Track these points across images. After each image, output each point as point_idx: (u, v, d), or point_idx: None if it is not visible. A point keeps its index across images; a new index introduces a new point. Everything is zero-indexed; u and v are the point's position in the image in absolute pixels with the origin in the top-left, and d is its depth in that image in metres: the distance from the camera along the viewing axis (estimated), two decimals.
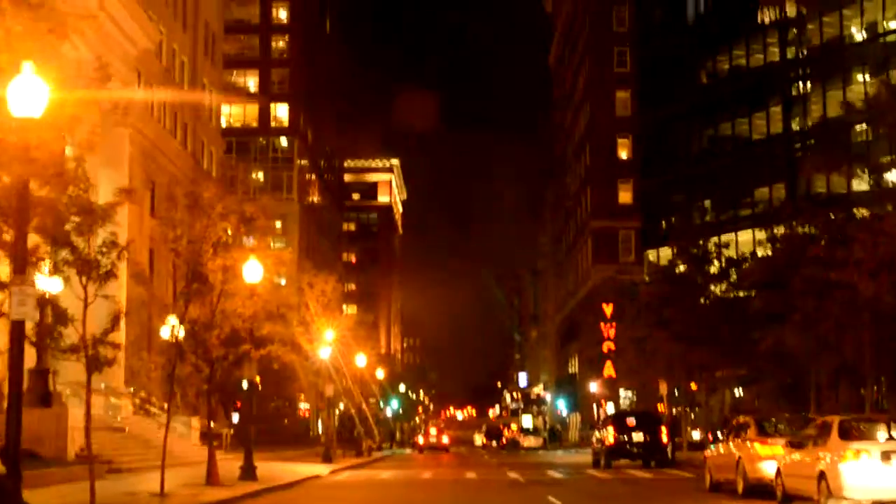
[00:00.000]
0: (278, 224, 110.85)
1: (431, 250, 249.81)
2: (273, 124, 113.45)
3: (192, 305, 24.79)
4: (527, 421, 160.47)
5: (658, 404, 63.89)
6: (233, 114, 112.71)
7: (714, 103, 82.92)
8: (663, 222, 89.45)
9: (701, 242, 52.25)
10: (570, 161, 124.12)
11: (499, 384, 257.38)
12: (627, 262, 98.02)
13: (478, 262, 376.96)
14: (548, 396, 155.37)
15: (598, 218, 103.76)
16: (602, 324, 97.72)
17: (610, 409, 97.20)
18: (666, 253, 78.86)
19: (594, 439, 49.46)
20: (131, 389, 48.56)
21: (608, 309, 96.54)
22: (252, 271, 28.93)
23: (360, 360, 65.44)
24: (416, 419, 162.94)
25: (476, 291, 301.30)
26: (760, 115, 79.18)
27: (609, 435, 44.65)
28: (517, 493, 29.86)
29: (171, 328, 25.91)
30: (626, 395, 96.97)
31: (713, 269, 50.67)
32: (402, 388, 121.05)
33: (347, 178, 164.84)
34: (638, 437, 44.60)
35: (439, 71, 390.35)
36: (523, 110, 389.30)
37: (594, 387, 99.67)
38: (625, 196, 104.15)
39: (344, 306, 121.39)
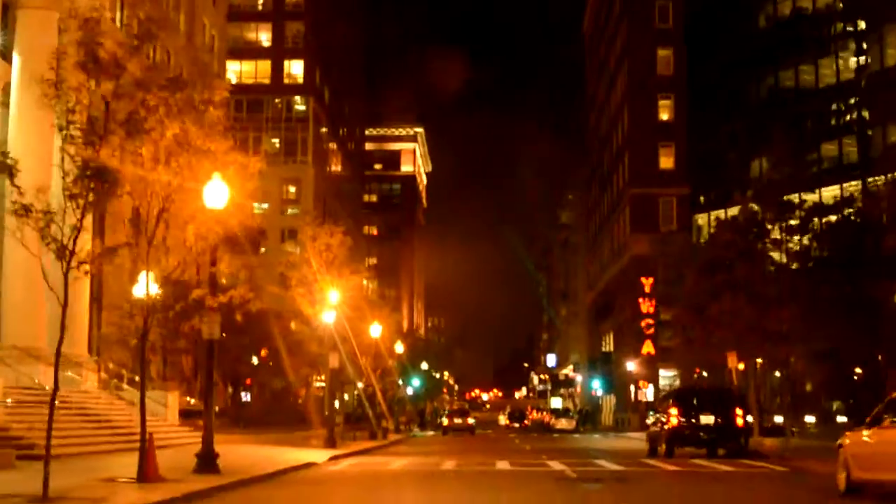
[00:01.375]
0: (292, 189, 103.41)
1: (457, 225, 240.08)
2: (287, 81, 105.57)
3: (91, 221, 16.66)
4: (556, 402, 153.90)
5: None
6: (244, 71, 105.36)
7: (774, 50, 74.46)
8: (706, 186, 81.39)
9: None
10: (607, 128, 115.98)
11: (525, 365, 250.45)
12: (669, 231, 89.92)
13: (506, 238, 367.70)
14: (578, 377, 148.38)
15: (637, 185, 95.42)
16: (641, 298, 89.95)
17: (650, 391, 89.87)
18: (718, 216, 71.22)
19: (650, 421, 41.35)
20: (95, 359, 40.83)
21: (647, 282, 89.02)
22: (215, 193, 21.10)
23: (375, 329, 57.34)
24: (440, 400, 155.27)
25: (503, 269, 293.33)
26: (828, 61, 70.72)
27: (672, 416, 36.49)
28: (576, 499, 21.59)
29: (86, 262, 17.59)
30: (667, 375, 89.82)
31: (794, 221, 42.30)
32: (424, 366, 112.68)
33: (369, 146, 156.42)
34: (707, 419, 36.41)
35: (466, 36, 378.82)
36: (555, 79, 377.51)
37: (631, 366, 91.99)
38: (666, 161, 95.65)
39: (365, 280, 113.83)
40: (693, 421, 36.28)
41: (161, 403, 40.72)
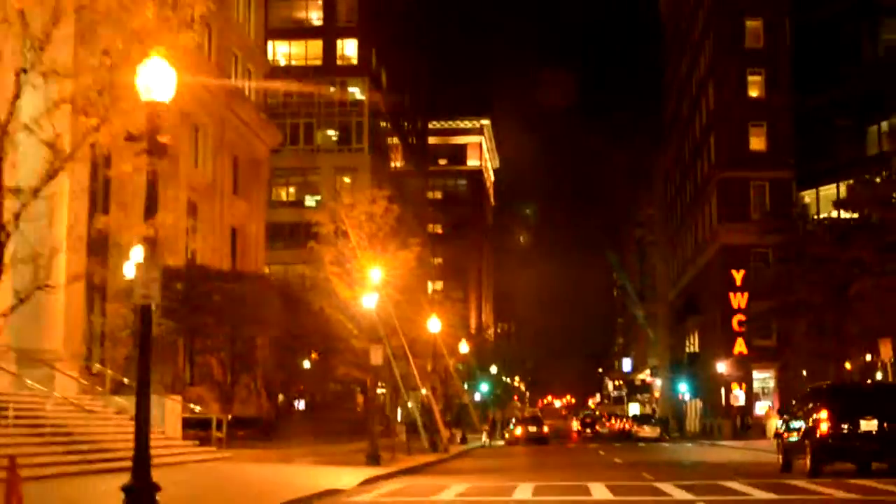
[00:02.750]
0: (347, 180, 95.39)
1: (528, 227, 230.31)
2: (340, 63, 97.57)
3: None
4: (634, 409, 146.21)
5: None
6: (293, 52, 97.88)
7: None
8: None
9: None
10: (689, 111, 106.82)
11: (600, 371, 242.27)
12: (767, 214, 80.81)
13: (576, 238, 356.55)
14: (657, 382, 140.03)
15: (726, 168, 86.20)
16: (731, 293, 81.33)
17: (740, 394, 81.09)
18: (828, 192, 62.60)
19: (783, 428, 32.12)
20: (74, 355, 32.49)
21: (738, 275, 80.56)
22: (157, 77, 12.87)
23: (434, 324, 48.87)
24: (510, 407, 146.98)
25: (574, 271, 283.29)
26: None
27: (822, 422, 27.29)
28: None
29: None
30: (760, 377, 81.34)
31: None
32: (493, 370, 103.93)
33: (432, 140, 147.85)
34: (869, 424, 27.17)
35: (538, 26, 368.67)
36: (631, 66, 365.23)
37: (721, 367, 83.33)
38: (758, 142, 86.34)
39: (429, 282, 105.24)
40: (851, 428, 27.14)
41: (160, 409, 32.16)
